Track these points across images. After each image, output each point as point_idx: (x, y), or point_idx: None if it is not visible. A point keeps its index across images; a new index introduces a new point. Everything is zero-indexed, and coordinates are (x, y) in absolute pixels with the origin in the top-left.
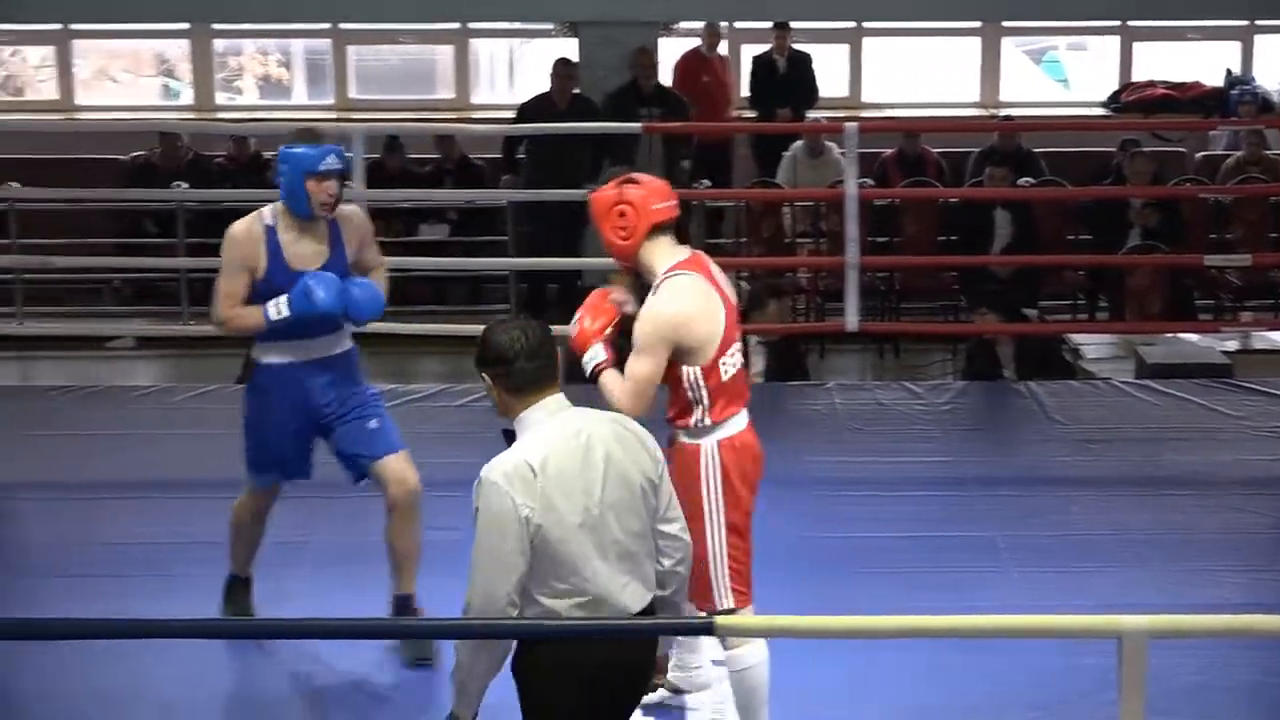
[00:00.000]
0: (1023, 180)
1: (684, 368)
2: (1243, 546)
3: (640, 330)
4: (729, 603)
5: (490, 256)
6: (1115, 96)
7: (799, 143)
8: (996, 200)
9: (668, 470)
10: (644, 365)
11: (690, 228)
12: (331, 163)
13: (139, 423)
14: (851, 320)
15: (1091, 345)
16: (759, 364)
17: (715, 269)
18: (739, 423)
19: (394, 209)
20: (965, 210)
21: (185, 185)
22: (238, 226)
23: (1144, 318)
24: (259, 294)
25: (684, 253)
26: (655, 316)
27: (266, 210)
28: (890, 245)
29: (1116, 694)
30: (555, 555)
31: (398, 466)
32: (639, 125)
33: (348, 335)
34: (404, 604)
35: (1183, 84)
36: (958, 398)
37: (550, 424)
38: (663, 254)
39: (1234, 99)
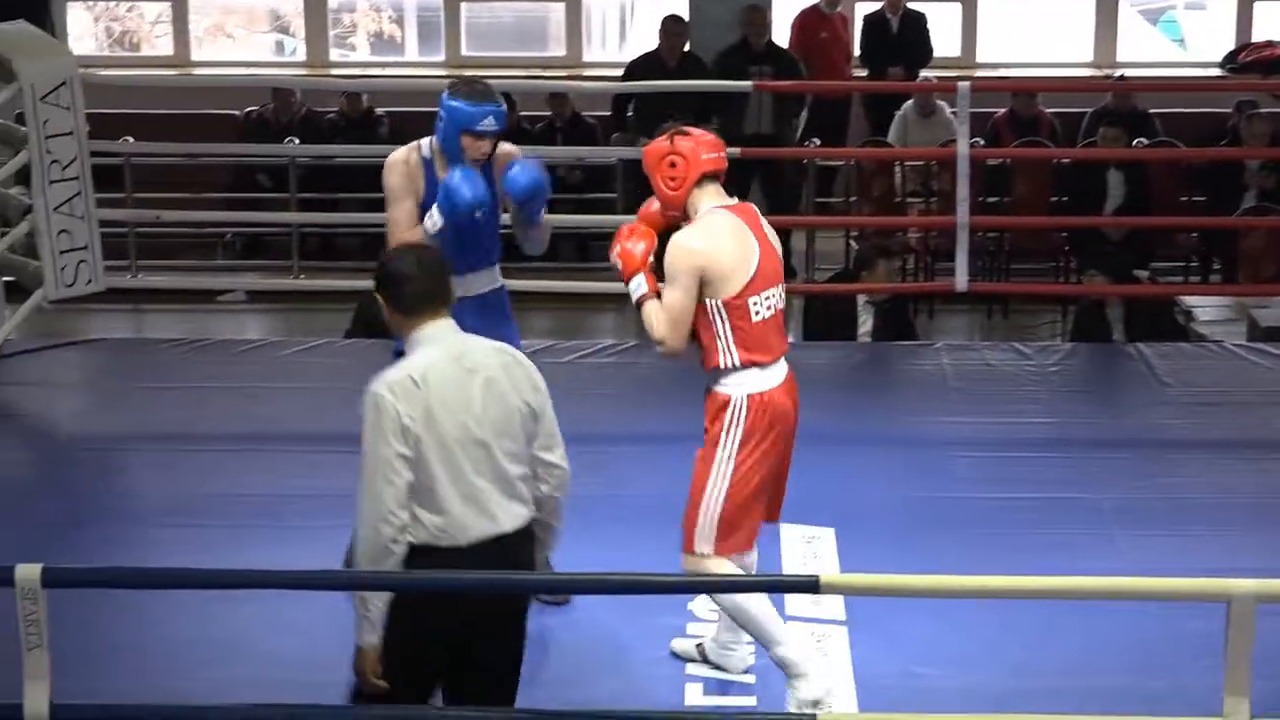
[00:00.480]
0: (1137, 141)
1: (708, 300)
2: None
3: (668, 260)
4: (706, 549)
5: (599, 214)
6: (1232, 56)
7: (910, 102)
8: (1110, 161)
9: (547, 400)
10: (675, 295)
11: (802, 187)
12: (489, 124)
13: (249, 376)
14: (961, 280)
15: (1204, 308)
16: (867, 324)
17: (763, 220)
18: (771, 377)
19: None
20: (1078, 171)
21: (297, 140)
22: (396, 155)
23: (1258, 280)
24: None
25: (729, 201)
26: (680, 245)
27: (424, 143)
28: (1001, 205)
29: (1220, 659)
30: (434, 469)
31: None
32: (749, 84)
33: (498, 272)
34: None
35: None
36: (1066, 359)
37: (436, 345)
38: (708, 201)
39: None
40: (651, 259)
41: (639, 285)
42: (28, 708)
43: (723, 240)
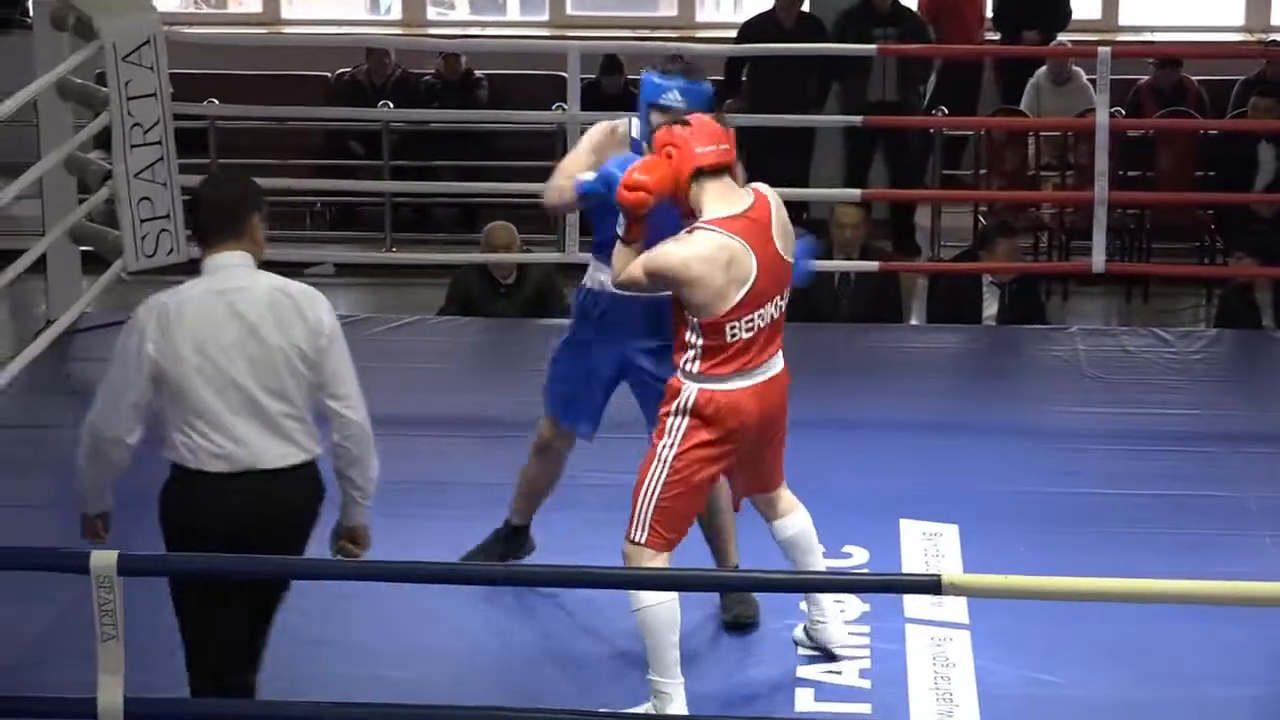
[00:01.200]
0: None
1: (686, 312)
2: None
3: (651, 254)
4: (640, 537)
5: None
6: None
7: (1044, 68)
8: (1261, 133)
9: (332, 347)
10: (643, 276)
11: (928, 158)
12: (672, 99)
13: None
14: (1098, 260)
15: None
16: (991, 306)
17: (775, 220)
18: (734, 383)
19: None
20: (1226, 143)
21: (392, 104)
22: (608, 121)
23: None
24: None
25: (739, 201)
26: (664, 255)
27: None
28: (1142, 180)
29: None
30: (178, 396)
31: None
32: (873, 48)
33: None
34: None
35: None
36: (1210, 346)
37: (212, 277)
38: (712, 200)
39: None
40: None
41: (619, 224)
42: (101, 702)
43: (707, 270)
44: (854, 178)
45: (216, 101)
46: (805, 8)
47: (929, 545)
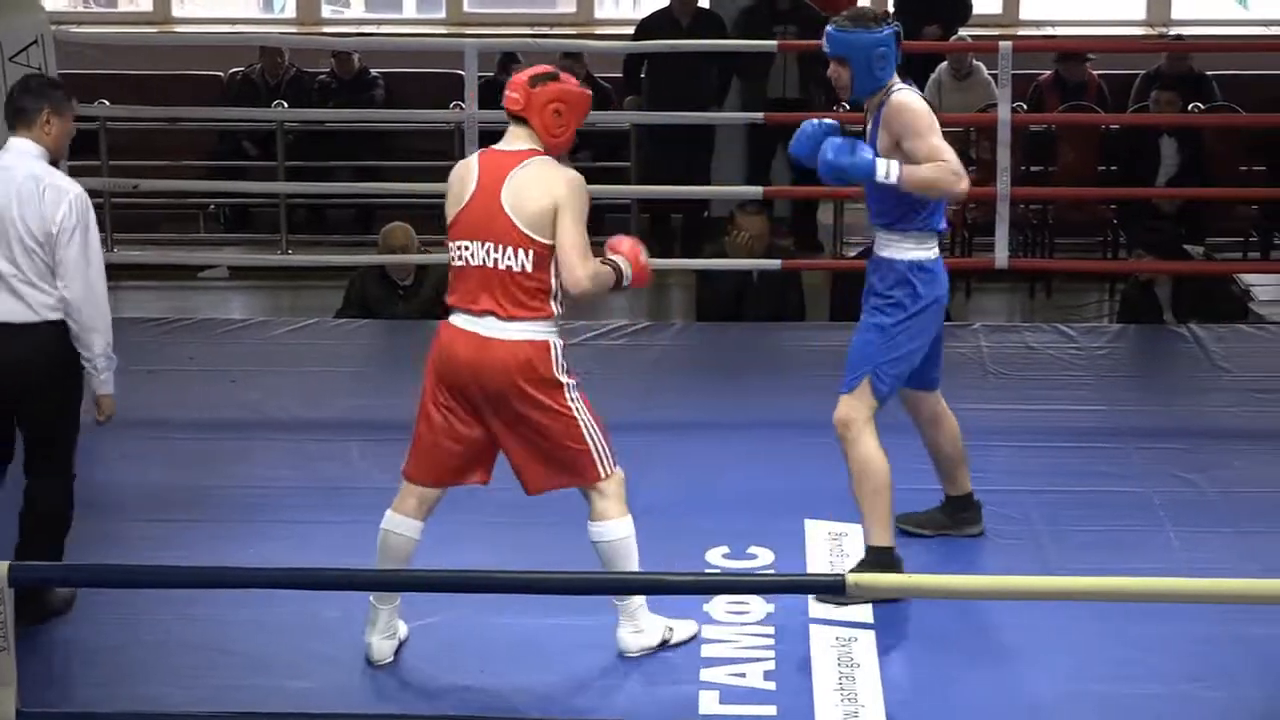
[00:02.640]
0: (1192, 106)
1: None
2: None
3: None
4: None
5: (611, 184)
6: None
7: (945, 63)
8: (1163, 127)
9: (63, 237)
10: None
11: None
12: (823, 45)
13: (232, 358)
14: (1001, 256)
15: (1263, 286)
16: None
17: (510, 180)
18: (455, 320)
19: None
20: (1128, 138)
21: (286, 104)
22: None
23: None
24: None
25: (506, 147)
26: None
27: None
28: (1045, 175)
29: None
30: None
31: None
32: (772, 43)
33: (891, 240)
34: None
35: None
36: (1114, 342)
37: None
38: (503, 141)
39: None
40: None
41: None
42: None
43: (452, 181)
44: (756, 175)
45: (107, 102)
46: (704, 4)
47: (834, 545)
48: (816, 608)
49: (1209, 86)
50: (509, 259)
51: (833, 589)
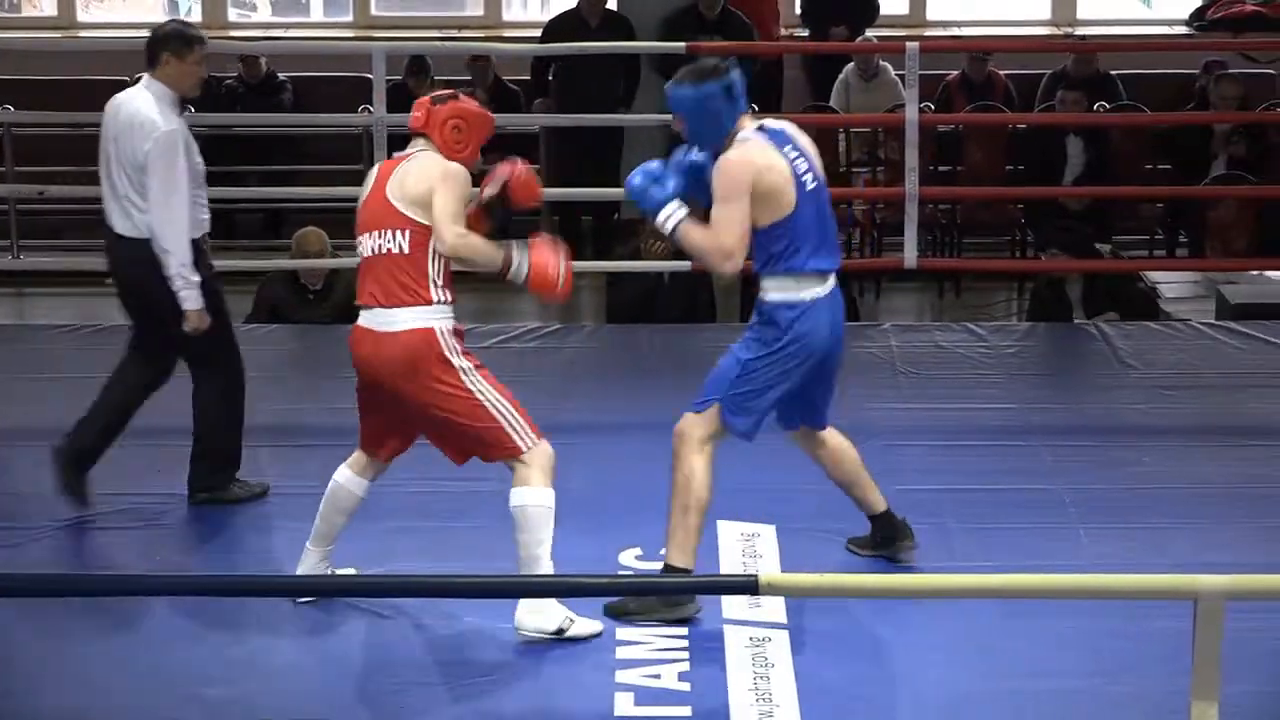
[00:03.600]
0: (1098, 105)
1: None
2: None
3: None
4: None
5: None
6: (1200, 14)
7: (852, 64)
8: (1069, 127)
9: (149, 165)
10: None
11: None
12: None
13: None
14: (910, 256)
15: (1170, 284)
16: None
17: (395, 177)
18: (360, 318)
19: None
20: (1035, 138)
21: (192, 109)
22: None
23: (1227, 254)
24: None
25: (403, 152)
26: None
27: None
28: (953, 175)
29: (1188, 660)
30: None
31: None
32: (681, 45)
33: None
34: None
35: (1274, 0)
36: (1023, 340)
37: (130, 88)
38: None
39: None
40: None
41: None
42: None
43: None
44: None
45: (12, 108)
46: (613, 6)
47: (746, 546)
48: (730, 608)
49: (1114, 86)
50: (389, 241)
51: (746, 589)
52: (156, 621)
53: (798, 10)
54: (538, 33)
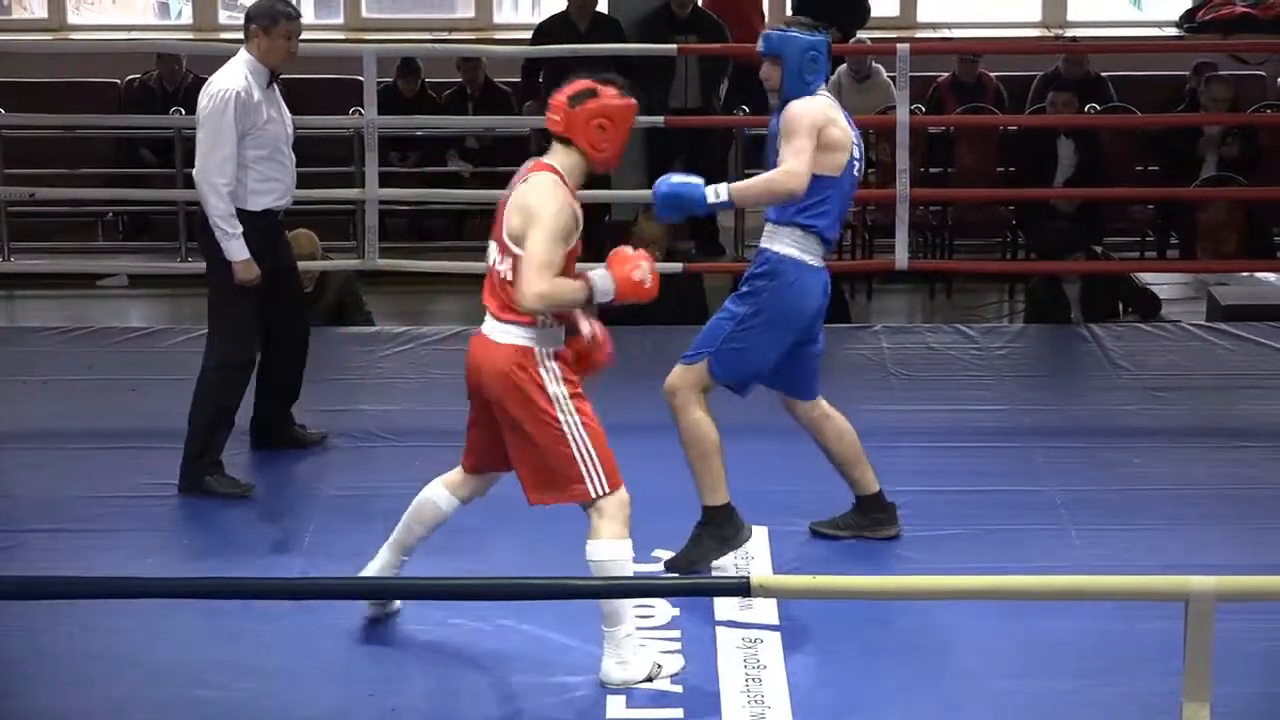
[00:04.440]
0: (1089, 107)
1: None
2: None
3: None
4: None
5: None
6: (1190, 15)
7: (844, 65)
8: (1060, 128)
9: None
10: None
11: (727, 159)
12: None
13: (131, 367)
14: (901, 258)
15: (1161, 285)
16: None
17: (522, 177)
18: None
19: (409, 137)
20: (1026, 139)
21: (184, 111)
22: None
23: (1218, 256)
24: None
25: (539, 159)
26: None
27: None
28: (944, 177)
29: (1180, 661)
30: None
31: None
32: (672, 47)
33: (770, 233)
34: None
35: (1264, 1)
36: (1014, 342)
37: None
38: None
39: None
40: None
41: None
42: None
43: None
44: (656, 180)
45: (3, 110)
46: (604, 8)
47: (738, 548)
48: (722, 610)
49: (1105, 88)
50: (500, 263)
51: (737, 591)
52: (146, 623)
53: (788, 11)
54: (528, 35)
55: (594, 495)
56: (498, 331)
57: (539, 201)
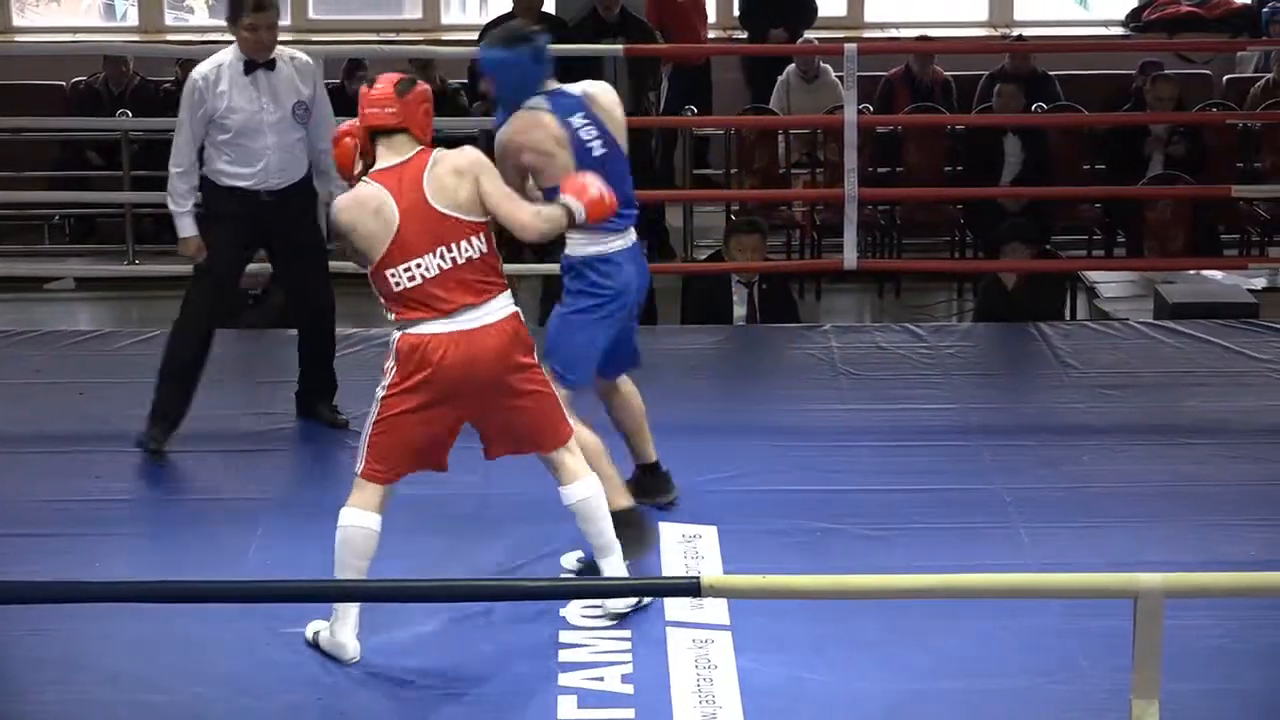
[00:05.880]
0: (1035, 106)
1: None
2: (1268, 500)
3: None
4: (358, 468)
5: None
6: (1136, 14)
7: (792, 66)
8: (1007, 127)
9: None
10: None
11: (674, 156)
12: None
13: (79, 370)
14: (849, 257)
15: (1108, 283)
16: (740, 306)
17: (430, 173)
18: (424, 328)
19: None
20: (973, 138)
21: (130, 113)
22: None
23: (1165, 254)
24: None
25: (397, 160)
26: (333, 208)
27: None
28: (892, 176)
29: (1129, 658)
30: None
31: None
32: (618, 47)
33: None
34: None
35: (1209, 1)
36: (962, 340)
37: None
38: (379, 158)
39: (1266, 17)
40: None
41: None
42: None
43: (361, 216)
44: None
45: None
46: (550, 8)
47: (688, 548)
48: (673, 610)
49: (1051, 86)
50: (468, 250)
51: (688, 591)
52: (96, 628)
53: (736, 11)
54: (474, 35)
55: (571, 430)
56: (485, 314)
57: (463, 160)
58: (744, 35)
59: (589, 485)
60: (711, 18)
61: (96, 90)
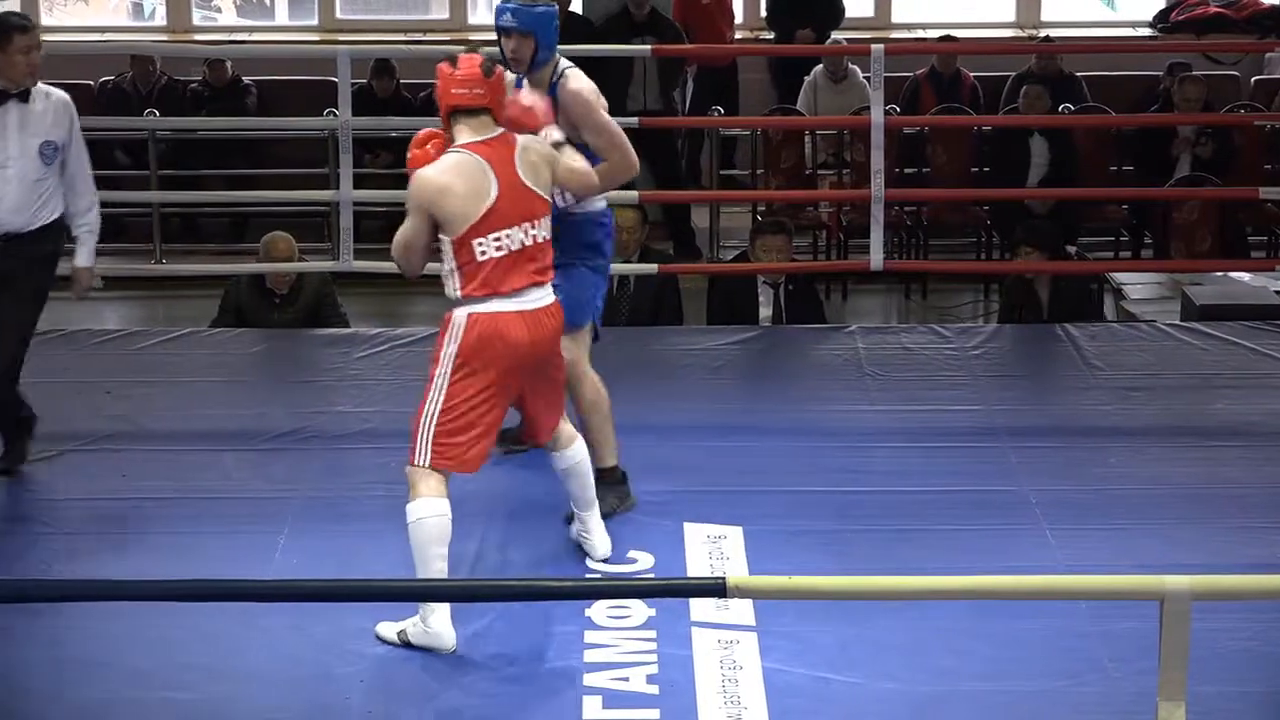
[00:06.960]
0: (1062, 107)
1: (441, 235)
2: None
3: (409, 190)
4: (423, 460)
5: None
6: (1164, 15)
7: (819, 66)
8: (1033, 127)
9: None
10: (407, 224)
11: (698, 160)
12: (505, 20)
13: (106, 370)
14: (876, 258)
15: (1135, 285)
16: (766, 307)
17: (520, 153)
18: (494, 305)
19: (384, 139)
20: (1000, 139)
21: (157, 113)
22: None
23: (1192, 255)
24: None
25: (487, 133)
26: (415, 179)
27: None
28: (919, 177)
29: (1155, 661)
30: None
31: None
32: (647, 48)
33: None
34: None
35: (1238, 2)
36: (989, 342)
37: None
38: (462, 136)
39: None
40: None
41: None
42: None
43: (454, 182)
44: None
45: None
46: (577, 8)
47: (713, 548)
48: (698, 611)
49: (1078, 87)
50: (543, 230)
51: (714, 592)
52: (123, 627)
53: (763, 12)
54: None
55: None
56: (545, 295)
57: (545, 149)
58: (771, 36)
59: (582, 447)
60: (739, 18)
61: (124, 90)
